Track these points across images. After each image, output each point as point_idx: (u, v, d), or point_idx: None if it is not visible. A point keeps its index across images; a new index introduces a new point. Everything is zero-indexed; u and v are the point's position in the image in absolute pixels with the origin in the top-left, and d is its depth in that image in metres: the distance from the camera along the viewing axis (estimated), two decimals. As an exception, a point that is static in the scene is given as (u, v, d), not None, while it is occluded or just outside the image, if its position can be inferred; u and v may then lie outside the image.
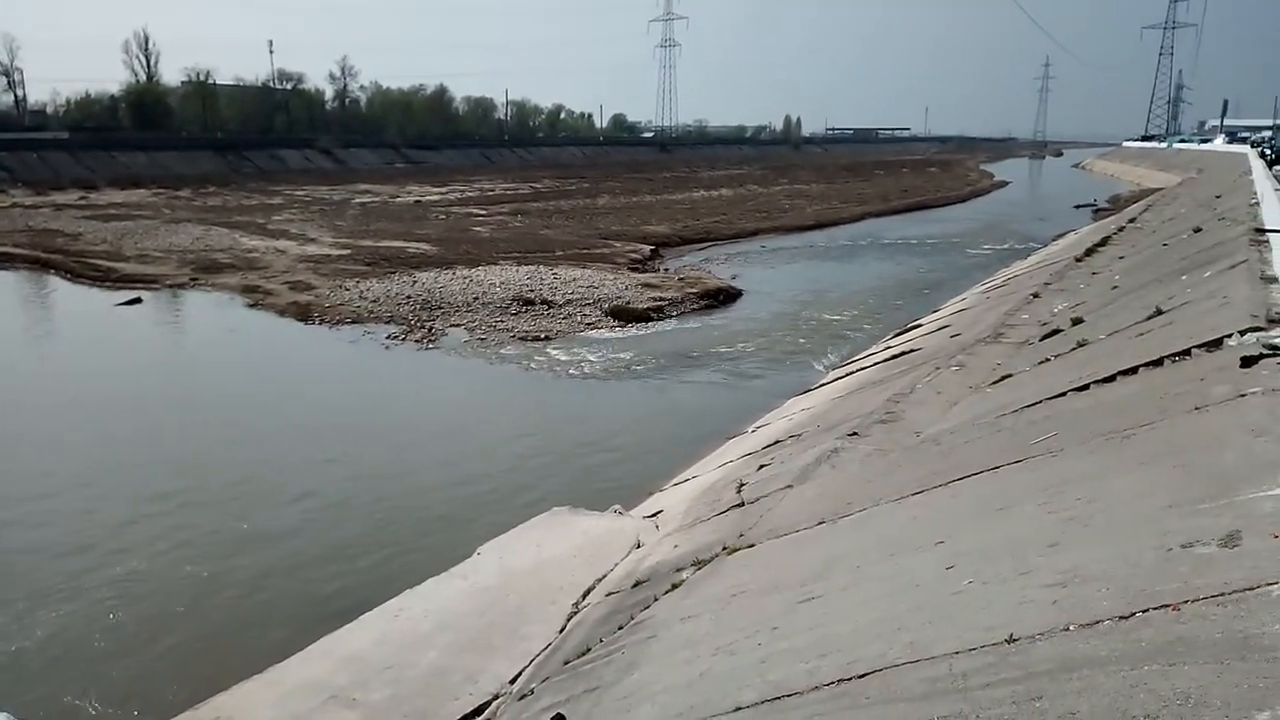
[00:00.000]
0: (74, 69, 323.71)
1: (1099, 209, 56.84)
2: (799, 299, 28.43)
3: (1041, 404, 8.29)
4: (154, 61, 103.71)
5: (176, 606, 9.69)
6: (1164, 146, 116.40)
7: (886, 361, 16.72)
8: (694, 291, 27.71)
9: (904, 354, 16.73)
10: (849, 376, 16.82)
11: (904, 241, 45.01)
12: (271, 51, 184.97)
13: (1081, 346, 10.30)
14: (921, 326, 21.10)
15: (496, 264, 31.09)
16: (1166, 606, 3.53)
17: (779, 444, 12.20)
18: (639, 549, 9.55)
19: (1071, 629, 3.65)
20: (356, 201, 61.48)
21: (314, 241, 38.41)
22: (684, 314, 25.76)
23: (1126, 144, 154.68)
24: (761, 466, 10.98)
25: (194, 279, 30.74)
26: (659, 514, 10.82)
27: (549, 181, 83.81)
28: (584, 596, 8.53)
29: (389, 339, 22.36)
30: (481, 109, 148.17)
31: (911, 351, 16.66)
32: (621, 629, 6.91)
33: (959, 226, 52.49)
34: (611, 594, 8.26)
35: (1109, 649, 3.37)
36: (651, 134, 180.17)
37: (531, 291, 26.37)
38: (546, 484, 12.94)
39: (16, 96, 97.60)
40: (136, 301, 27.51)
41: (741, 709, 4.28)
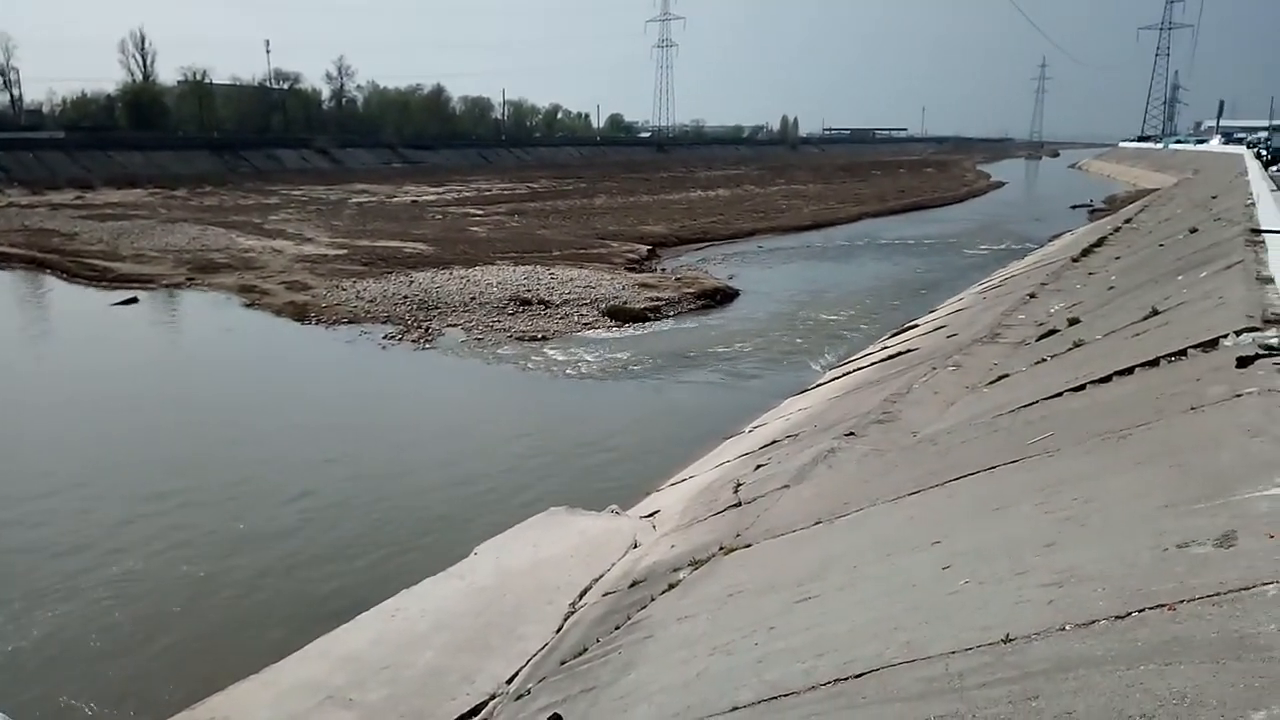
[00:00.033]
0: (70, 68, 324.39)
1: (1095, 209, 56.96)
2: (796, 299, 28.44)
3: (1038, 404, 8.30)
4: (150, 61, 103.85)
5: (173, 606, 9.67)
6: (1160, 147, 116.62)
7: (883, 362, 16.73)
8: (691, 291, 27.71)
9: (901, 354, 16.74)
10: (846, 377, 16.83)
11: (901, 242, 45.07)
12: (268, 51, 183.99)
13: (1078, 347, 10.32)
14: (918, 327, 21.13)
15: (493, 264, 31.08)
16: (1162, 606, 3.53)
17: (776, 444, 12.20)
18: (636, 549, 9.54)
19: (1067, 629, 3.65)
20: (353, 201, 61.39)
21: (310, 241, 38.35)
22: (681, 314, 25.75)
23: (1123, 145, 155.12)
24: (758, 466, 10.98)
25: (190, 279, 30.68)
26: (656, 514, 10.82)
27: (546, 181, 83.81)
28: (581, 596, 8.53)
29: (386, 339, 22.33)
30: (478, 109, 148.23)
31: (908, 352, 16.67)
32: (618, 629, 6.91)
33: (956, 227, 52.54)
34: (608, 594, 8.26)
35: (1105, 649, 3.38)
36: (649, 134, 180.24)
37: (528, 291, 26.36)
38: (543, 484, 12.94)
39: (13, 96, 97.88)
40: (133, 301, 27.43)
41: (738, 709, 4.28)
